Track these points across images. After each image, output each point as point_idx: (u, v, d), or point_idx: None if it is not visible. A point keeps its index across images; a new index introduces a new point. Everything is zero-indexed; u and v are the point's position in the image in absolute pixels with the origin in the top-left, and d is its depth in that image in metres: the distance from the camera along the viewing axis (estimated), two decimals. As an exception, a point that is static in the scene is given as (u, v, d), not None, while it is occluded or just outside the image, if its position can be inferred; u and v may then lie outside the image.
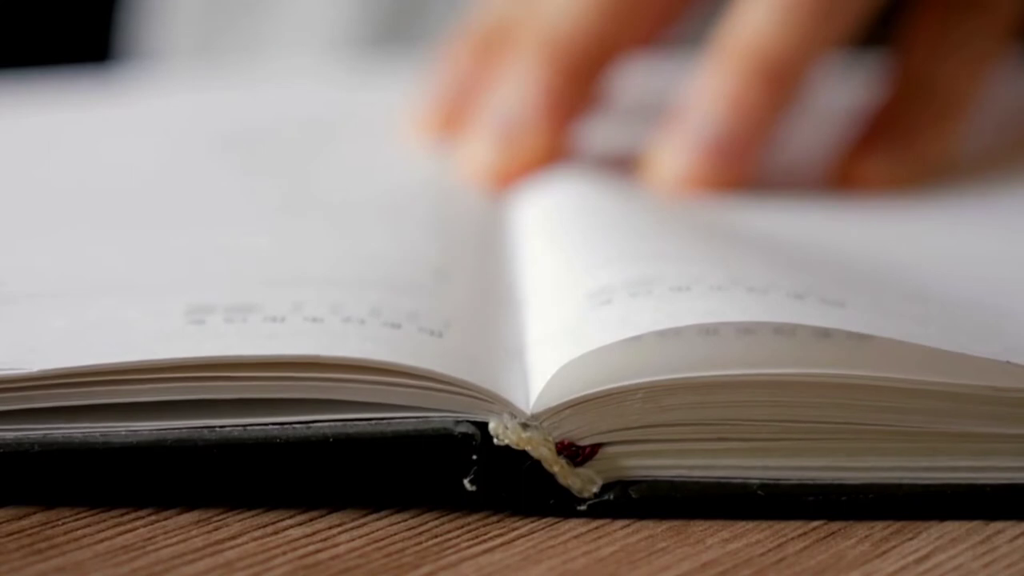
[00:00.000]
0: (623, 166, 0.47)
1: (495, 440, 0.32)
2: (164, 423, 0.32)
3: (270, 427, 0.32)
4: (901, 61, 0.50)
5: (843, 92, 0.54)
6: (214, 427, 0.32)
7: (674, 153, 0.46)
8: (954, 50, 0.48)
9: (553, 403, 0.31)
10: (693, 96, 0.46)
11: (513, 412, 0.32)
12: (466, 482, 0.32)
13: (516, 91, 0.48)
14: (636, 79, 0.52)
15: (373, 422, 0.32)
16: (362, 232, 0.42)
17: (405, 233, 0.42)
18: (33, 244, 0.40)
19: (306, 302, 0.34)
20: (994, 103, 0.52)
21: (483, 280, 0.39)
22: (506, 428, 0.32)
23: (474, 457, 0.31)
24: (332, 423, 0.32)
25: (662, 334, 0.32)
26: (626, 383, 0.31)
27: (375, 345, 0.32)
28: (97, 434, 0.32)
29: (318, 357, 0.32)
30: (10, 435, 0.32)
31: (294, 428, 0.32)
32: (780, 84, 0.46)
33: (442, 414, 0.32)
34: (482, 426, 0.32)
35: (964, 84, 0.49)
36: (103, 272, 0.38)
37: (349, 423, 0.32)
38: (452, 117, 0.51)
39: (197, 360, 0.32)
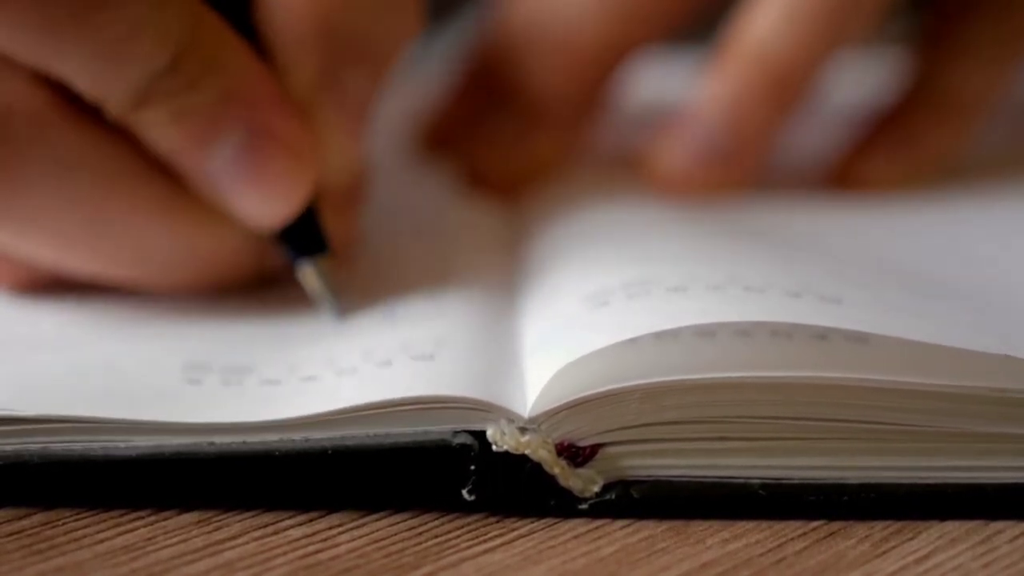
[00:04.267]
0: (623, 167, 0.48)
1: (494, 447, 0.32)
2: (163, 438, 0.32)
3: (269, 441, 0.32)
4: (916, 62, 0.50)
5: (857, 89, 0.54)
6: (213, 441, 0.32)
7: (674, 154, 0.46)
8: (971, 53, 0.48)
9: (550, 406, 0.32)
10: (696, 99, 0.46)
11: (511, 417, 0.32)
12: (464, 492, 0.32)
13: (525, 94, 0.48)
14: (640, 79, 0.52)
15: (372, 435, 0.32)
16: (358, 253, 0.42)
17: (401, 252, 0.42)
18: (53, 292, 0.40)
19: (301, 362, 0.35)
20: (1011, 107, 0.52)
21: (481, 288, 0.39)
22: (503, 434, 0.32)
23: (472, 467, 0.32)
24: (331, 436, 0.32)
25: (659, 336, 0.32)
26: (623, 385, 0.31)
27: (367, 389, 0.32)
28: (97, 447, 0.32)
29: (309, 417, 0.32)
30: (10, 447, 0.32)
31: (292, 441, 0.32)
32: (782, 90, 0.46)
33: (440, 426, 0.32)
34: (480, 435, 0.32)
35: (977, 87, 0.48)
36: (104, 319, 0.38)
37: (348, 436, 0.32)
38: (448, 134, 0.51)
39: (195, 426, 0.32)
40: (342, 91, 0.37)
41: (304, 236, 0.37)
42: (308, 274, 0.38)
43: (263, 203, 0.36)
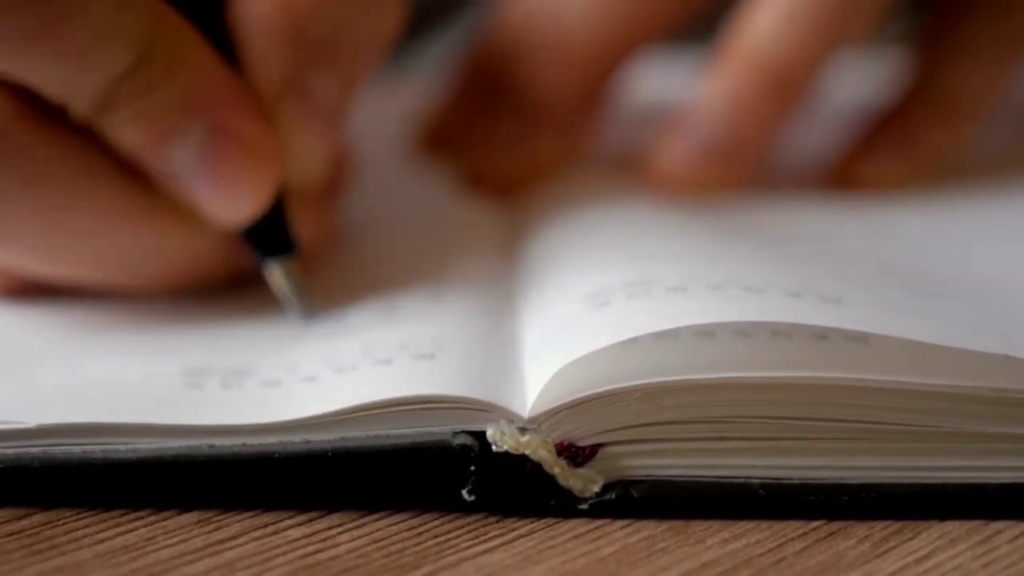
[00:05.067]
0: (623, 167, 0.48)
1: (493, 447, 0.32)
2: (163, 442, 0.32)
3: (269, 443, 0.32)
4: (916, 62, 0.50)
5: (857, 89, 0.54)
6: (213, 444, 0.32)
7: (673, 153, 0.46)
8: (971, 53, 0.48)
9: (550, 405, 0.32)
10: (695, 99, 0.46)
11: (511, 418, 0.32)
12: (464, 493, 0.32)
13: (525, 95, 0.48)
14: (640, 79, 0.52)
15: (371, 436, 0.32)
16: (358, 254, 0.42)
17: (401, 253, 0.42)
18: (38, 297, 0.40)
19: (301, 360, 0.35)
20: (1011, 107, 0.52)
21: (481, 288, 0.39)
22: (503, 434, 0.32)
23: (472, 468, 0.32)
24: (331, 438, 0.32)
25: (659, 336, 0.32)
26: (622, 385, 0.31)
27: (367, 388, 0.32)
28: (97, 450, 0.32)
29: (309, 419, 0.32)
30: (10, 451, 0.32)
31: (293, 444, 0.32)
32: (782, 90, 0.46)
33: (440, 427, 0.32)
34: (480, 436, 0.32)
35: (977, 87, 0.48)
36: (104, 329, 0.38)
37: (347, 437, 0.32)
38: (447, 134, 0.51)
39: (195, 428, 0.32)
40: (310, 92, 0.38)
41: (270, 236, 0.38)
42: (275, 274, 0.38)
43: (226, 203, 0.37)
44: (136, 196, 0.37)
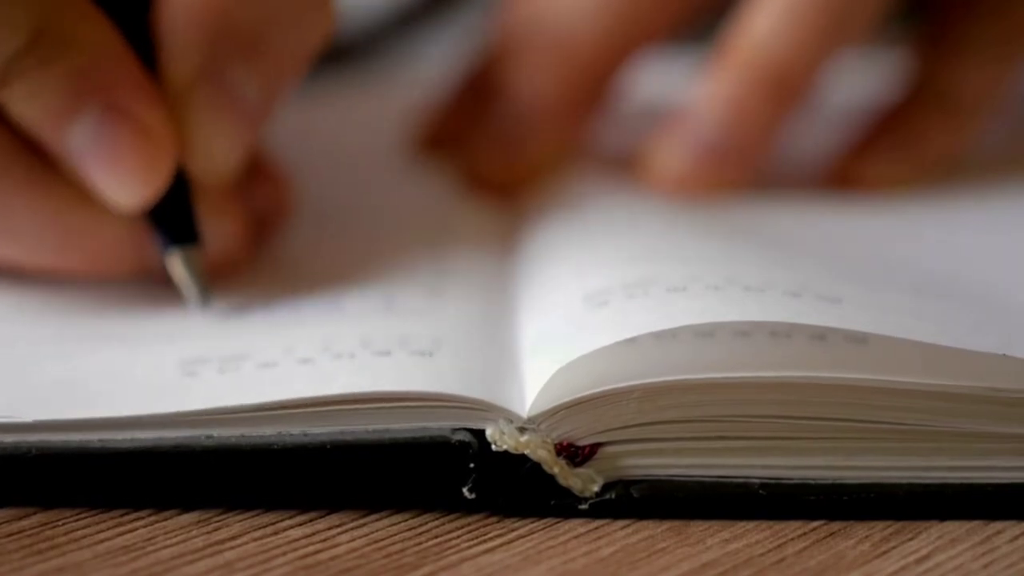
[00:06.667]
0: (622, 166, 0.48)
1: (493, 446, 0.32)
2: (161, 432, 0.32)
3: (267, 435, 0.32)
4: (917, 62, 0.50)
5: (857, 90, 0.54)
6: (212, 434, 0.32)
7: (672, 153, 0.46)
8: (971, 53, 0.48)
9: (549, 405, 0.32)
10: (694, 99, 0.46)
11: (510, 417, 0.32)
12: (465, 490, 0.32)
13: (523, 95, 0.48)
14: (640, 79, 0.52)
15: (370, 430, 0.32)
16: (357, 253, 0.42)
17: (400, 251, 0.42)
18: (34, 291, 0.40)
19: (298, 343, 0.35)
20: (1012, 106, 0.52)
21: (480, 287, 0.39)
22: (503, 433, 0.32)
23: (471, 465, 0.32)
24: (330, 431, 0.32)
25: (658, 336, 0.32)
26: (622, 384, 0.31)
27: (365, 377, 0.32)
28: (95, 440, 0.32)
29: (304, 399, 0.32)
30: (8, 439, 0.32)
31: (291, 436, 0.32)
32: (782, 91, 0.46)
33: (440, 423, 0.32)
34: (479, 434, 0.32)
35: (979, 87, 0.48)
36: (102, 321, 0.38)
37: (346, 430, 0.32)
38: (446, 134, 0.51)
39: (189, 414, 0.32)
40: (227, 85, 0.38)
41: (172, 224, 0.38)
42: (175, 263, 0.38)
43: (119, 183, 0.37)
44: (38, 173, 0.37)
